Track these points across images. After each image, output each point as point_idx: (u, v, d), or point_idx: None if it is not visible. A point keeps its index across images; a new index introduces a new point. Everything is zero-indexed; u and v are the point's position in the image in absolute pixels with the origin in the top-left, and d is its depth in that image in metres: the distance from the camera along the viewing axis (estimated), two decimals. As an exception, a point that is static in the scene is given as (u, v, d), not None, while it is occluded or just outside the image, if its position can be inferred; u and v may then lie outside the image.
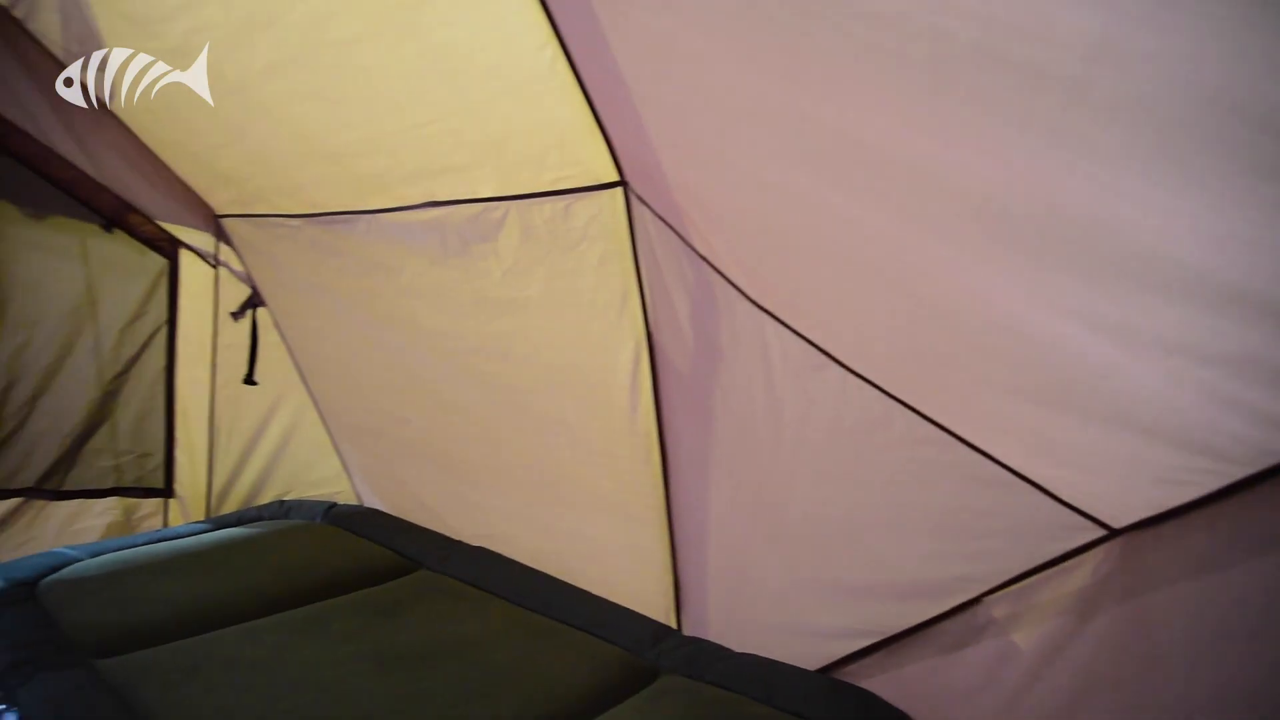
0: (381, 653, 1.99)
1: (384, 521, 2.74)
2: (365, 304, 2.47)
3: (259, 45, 2.09)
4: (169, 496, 3.42)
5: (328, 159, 2.26)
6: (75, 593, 2.26)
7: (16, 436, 3.16)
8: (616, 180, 1.78)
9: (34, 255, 3.07)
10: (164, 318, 3.25)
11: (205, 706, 1.77)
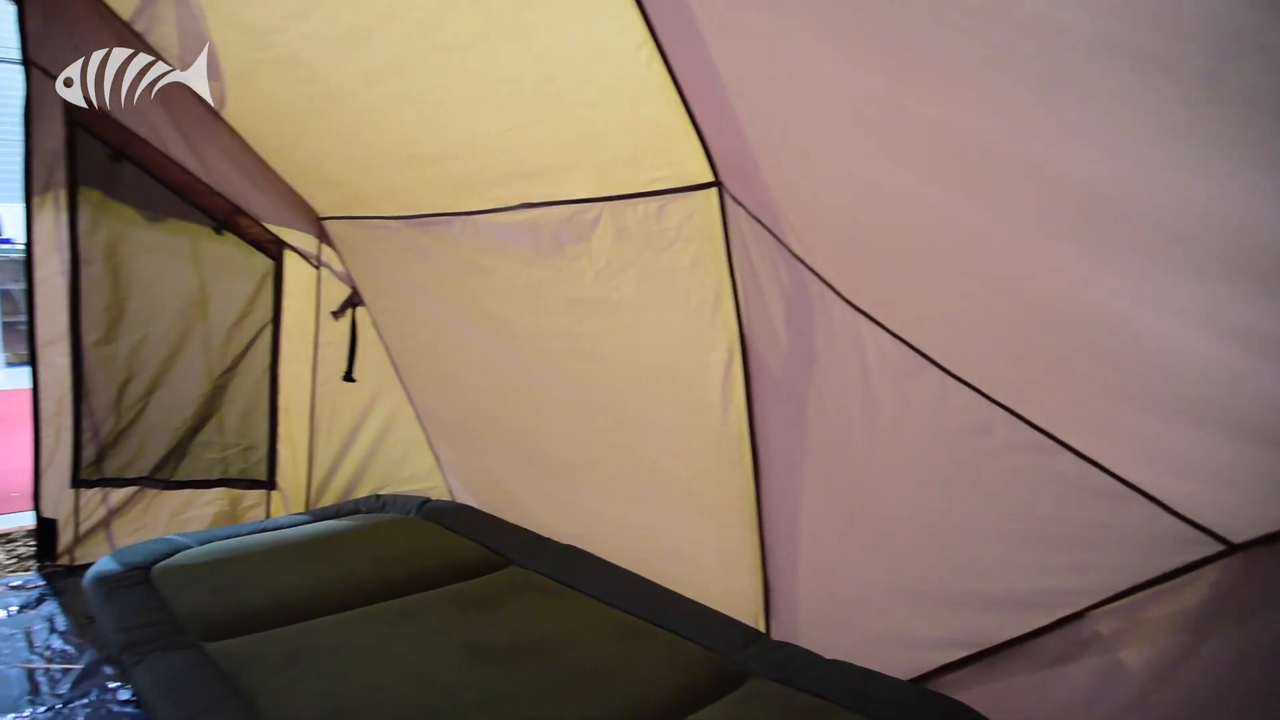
0: (474, 646, 2.02)
1: (476, 517, 2.78)
2: (460, 303, 2.52)
3: (363, 53, 2.15)
4: (271, 488, 3.54)
5: (426, 162, 2.31)
6: (186, 578, 2.36)
7: (133, 428, 3.33)
8: (711, 181, 1.78)
9: (152, 256, 3.23)
10: (269, 316, 3.37)
11: (306, 692, 1.83)
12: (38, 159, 3.05)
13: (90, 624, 2.97)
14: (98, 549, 3.38)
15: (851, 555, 1.87)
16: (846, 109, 1.26)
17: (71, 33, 2.99)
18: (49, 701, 2.52)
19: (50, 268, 3.14)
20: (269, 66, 2.60)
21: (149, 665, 1.94)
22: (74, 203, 3.10)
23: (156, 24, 2.90)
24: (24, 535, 3.72)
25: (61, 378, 3.21)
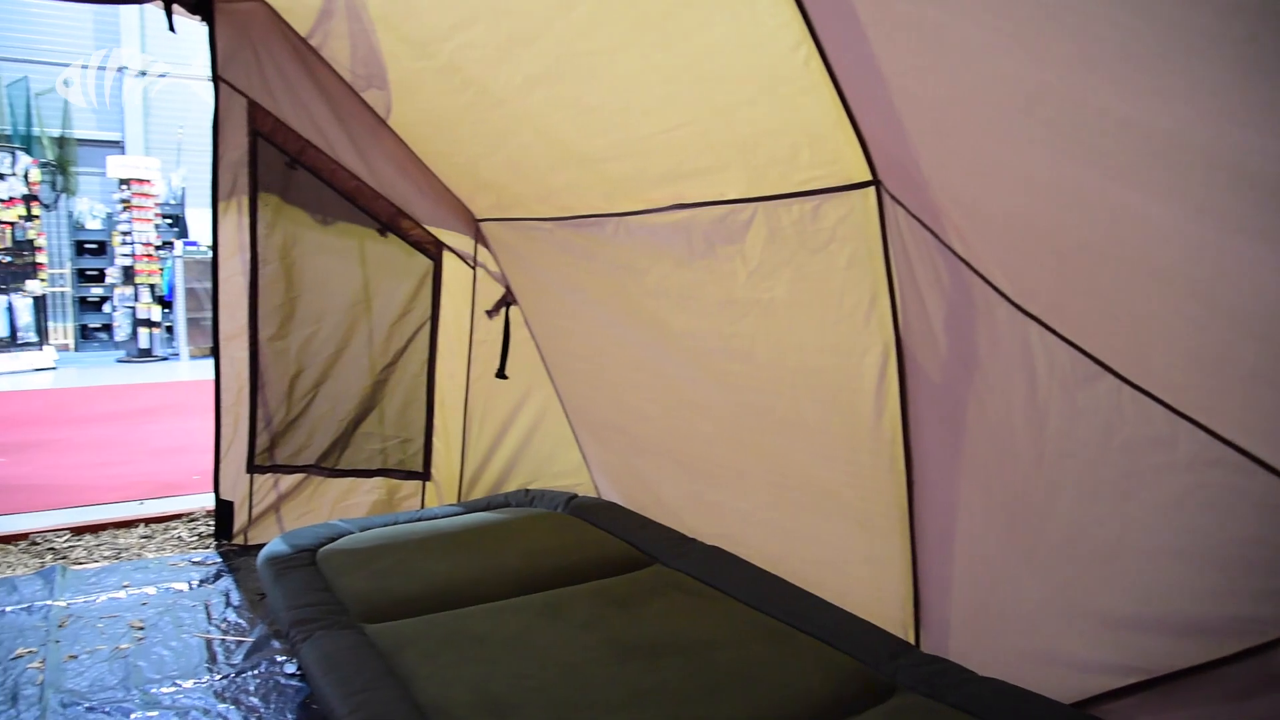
0: (619, 642, 2.04)
1: (622, 515, 2.81)
2: (612, 303, 2.55)
3: (521, 59, 2.21)
4: (426, 480, 3.68)
5: (580, 164, 2.36)
6: (348, 562, 2.48)
7: (302, 419, 3.53)
8: (869, 180, 1.74)
9: (321, 257, 3.42)
10: (428, 314, 3.51)
11: (458, 676, 1.89)
12: (223, 167, 3.28)
13: (261, 600, 3.17)
14: (268, 531, 3.60)
15: (1010, 569, 1.78)
16: (1016, 102, 1.20)
17: (255, 50, 3.20)
18: (224, 670, 2.70)
19: (233, 268, 3.37)
20: (431, 75, 2.71)
21: (314, 642, 2.05)
22: (254, 207, 3.32)
23: (330, 39, 3.07)
24: (204, 515, 4.00)
25: (240, 370, 3.44)
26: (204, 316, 9.88)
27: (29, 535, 3.82)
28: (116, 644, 2.85)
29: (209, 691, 2.57)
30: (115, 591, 3.24)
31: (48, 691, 2.55)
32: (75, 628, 2.96)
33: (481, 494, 3.52)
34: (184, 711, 2.47)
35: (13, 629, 2.94)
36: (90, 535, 3.87)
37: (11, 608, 3.10)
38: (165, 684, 2.62)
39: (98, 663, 2.73)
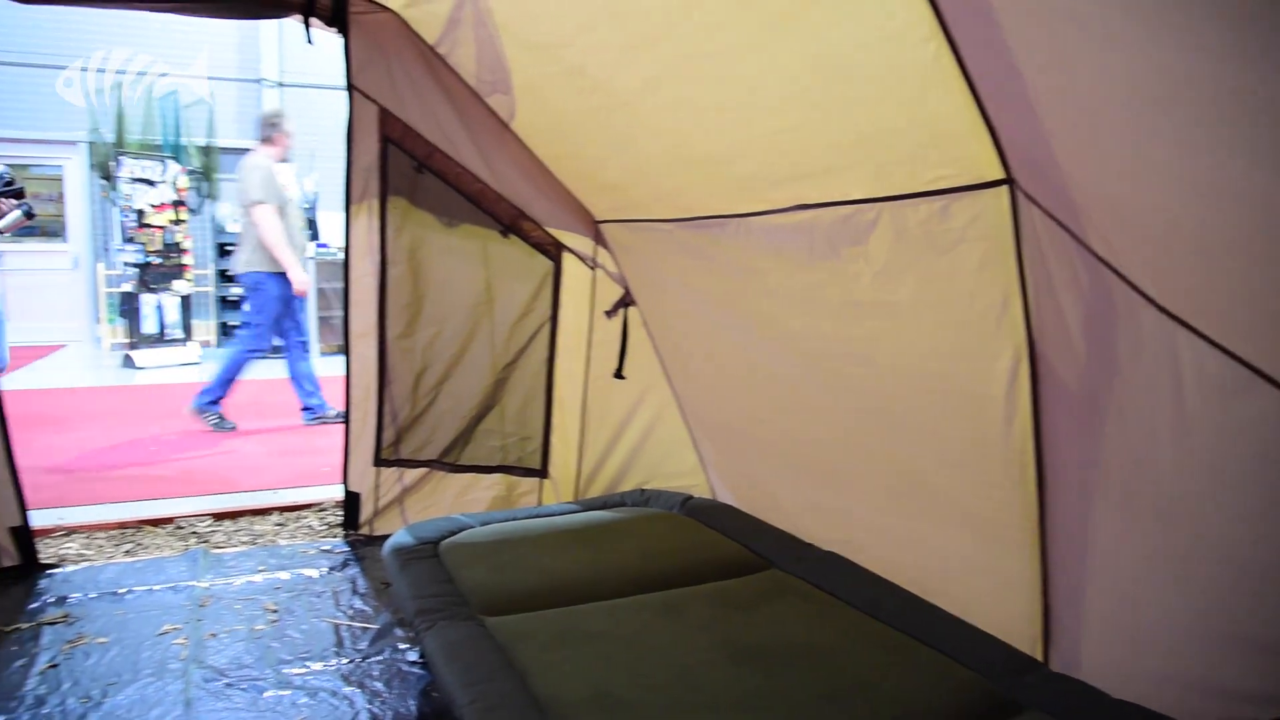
0: (734, 646, 2.03)
1: (737, 518, 2.79)
2: (730, 305, 2.54)
3: (644, 61, 2.23)
4: (544, 477, 3.75)
5: (701, 165, 2.35)
6: (469, 555, 2.54)
7: (426, 415, 3.64)
8: (1002, 178, 1.68)
9: (446, 258, 3.52)
10: (547, 314, 3.57)
11: (575, 673, 1.91)
12: (356, 172, 3.41)
13: (386, 589, 3.28)
14: (393, 522, 3.73)
15: (1152, 587, 1.69)
16: (1162, 92, 1.14)
17: (386, 59, 3.32)
18: (351, 655, 2.81)
19: (363, 269, 3.50)
20: (554, 79, 2.75)
21: (437, 632, 2.11)
22: (384, 210, 3.44)
23: (458, 47, 3.15)
24: (333, 506, 4.17)
25: (369, 367, 3.57)
26: (333, 315, 10.31)
27: (174, 519, 4.06)
28: (252, 625, 3.00)
29: (336, 674, 2.68)
30: (252, 575, 3.41)
31: (190, 666, 2.71)
32: (215, 608, 3.13)
33: (598, 492, 3.55)
34: (313, 692, 2.58)
35: (160, 607, 3.13)
36: (229, 521, 4.08)
37: (159, 587, 3.30)
38: (296, 665, 2.74)
39: (235, 641, 2.88)
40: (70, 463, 5.22)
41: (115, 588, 3.29)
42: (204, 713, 2.46)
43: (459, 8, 2.94)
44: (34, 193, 11.88)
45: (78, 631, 2.94)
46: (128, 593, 3.24)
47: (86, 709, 2.47)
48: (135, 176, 9.51)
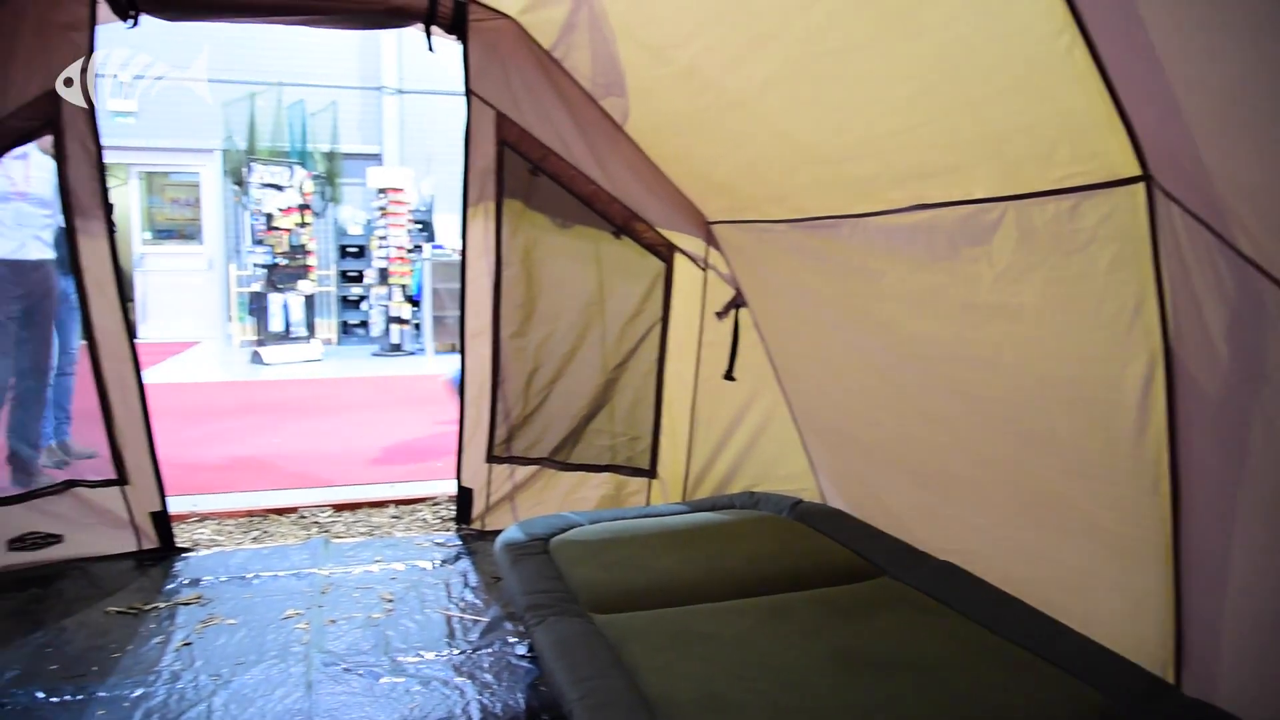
0: (843, 654, 1.99)
1: (848, 523, 2.74)
2: (844, 307, 2.49)
3: (759, 60, 2.21)
4: (652, 477, 3.76)
5: (817, 165, 2.32)
6: (578, 553, 2.57)
7: (537, 413, 3.70)
8: (1138, 175, 1.60)
9: (559, 259, 3.57)
10: (659, 315, 3.59)
11: (683, 673, 1.90)
12: (473, 175, 3.49)
13: (496, 583, 3.35)
14: (503, 518, 3.80)
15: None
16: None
17: (503, 64, 3.39)
18: (462, 645, 2.88)
19: (479, 269, 3.58)
20: (667, 81, 2.76)
21: (547, 627, 2.14)
22: (499, 212, 3.52)
23: (573, 50, 3.20)
24: (446, 500, 4.28)
25: (483, 366, 3.65)
26: (447, 315, 10.59)
27: (298, 509, 4.24)
28: (369, 613, 3.10)
29: (448, 664, 2.75)
30: (369, 565, 3.53)
31: (311, 650, 2.82)
32: (335, 595, 3.25)
33: (706, 494, 3.55)
34: (426, 680, 2.65)
35: (284, 592, 3.27)
36: (348, 512, 4.24)
37: (284, 573, 3.45)
38: (410, 653, 2.82)
39: (353, 628, 2.99)
40: (203, 453, 5.51)
41: (243, 572, 3.45)
42: (324, 695, 2.56)
43: (575, 12, 2.98)
44: (172, 198, 12.63)
45: (209, 613, 3.10)
46: (255, 577, 3.40)
47: (217, 686, 2.60)
48: (265, 182, 10.00)
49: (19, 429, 3.92)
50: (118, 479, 3.49)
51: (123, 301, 3.34)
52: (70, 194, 3.18)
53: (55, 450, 4.25)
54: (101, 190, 3.21)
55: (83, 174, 3.17)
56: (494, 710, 2.51)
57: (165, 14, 3.14)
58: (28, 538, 3.40)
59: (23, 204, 4.09)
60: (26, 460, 3.87)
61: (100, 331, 3.32)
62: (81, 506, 3.49)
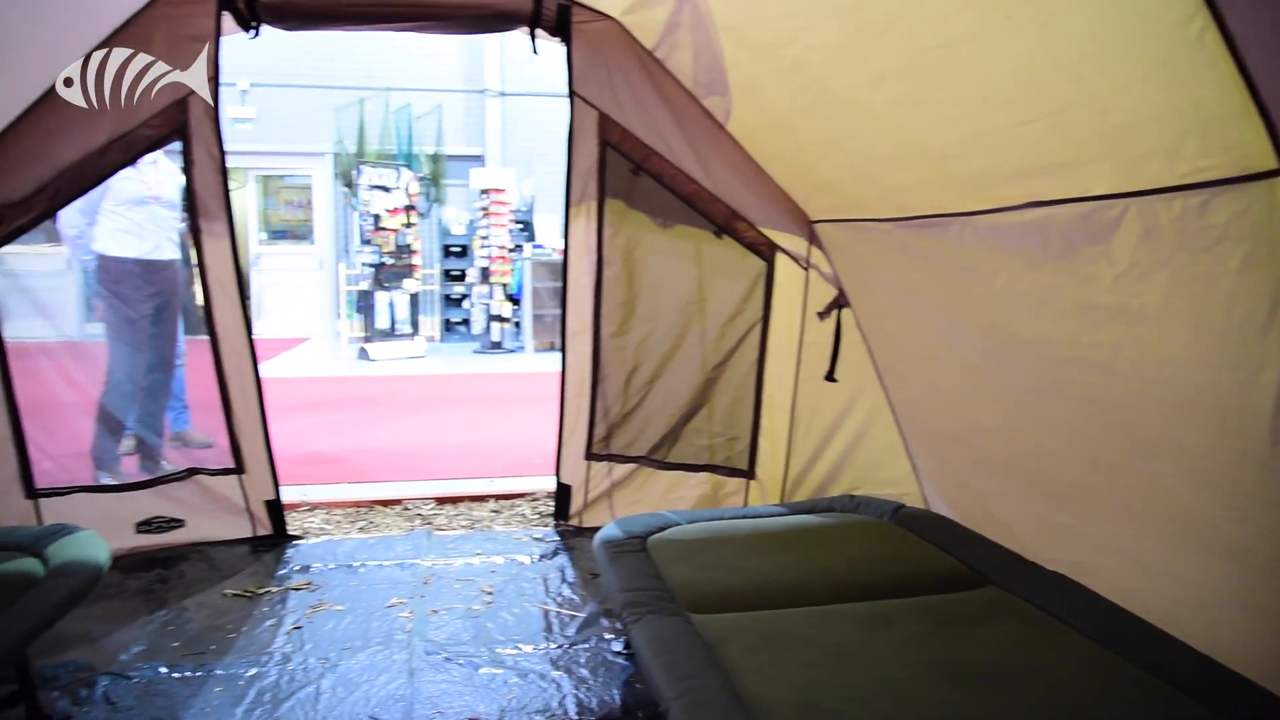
0: (947, 664, 1.93)
1: (952, 530, 2.67)
2: (952, 308, 2.43)
3: (867, 57, 2.17)
4: (750, 478, 3.74)
5: (925, 162, 2.27)
6: (676, 552, 2.57)
7: (636, 412, 3.72)
8: (1275, 169, 1.51)
9: (660, 259, 3.58)
10: (759, 315, 3.56)
11: (780, 677, 1.88)
12: (575, 175, 3.53)
13: (593, 579, 3.38)
14: (601, 515, 3.83)
15: None
16: None
17: (606, 65, 3.41)
18: (559, 640, 2.91)
19: (580, 269, 3.62)
20: (772, 79, 2.74)
21: (645, 625, 2.14)
22: (601, 212, 3.54)
23: (675, 50, 3.20)
24: (545, 496, 4.34)
25: (583, 364, 3.69)
26: (547, 313, 10.75)
27: (402, 501, 4.36)
28: (469, 604, 3.17)
29: (545, 658, 2.79)
30: (469, 557, 3.61)
31: (414, 638, 2.89)
32: (437, 586, 3.33)
33: (805, 496, 3.50)
34: (524, 673, 2.69)
35: (389, 581, 3.37)
36: (450, 505, 4.34)
37: (388, 563, 3.55)
38: (508, 645, 2.87)
39: (454, 619, 3.06)
40: (313, 445, 5.72)
41: (350, 561, 3.57)
42: (425, 683, 2.62)
43: (678, 12, 2.98)
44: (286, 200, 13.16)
45: (318, 598, 3.22)
46: (361, 566, 3.51)
47: (324, 669, 2.70)
48: (373, 184, 10.32)
49: (148, 419, 4.16)
50: (236, 468, 3.65)
51: (242, 299, 3.49)
52: (195, 197, 3.34)
53: (176, 438, 4.50)
54: (224, 193, 3.36)
55: (207, 178, 3.33)
56: (590, 705, 2.53)
57: (284, 24, 3.28)
58: (153, 521, 3.58)
59: (157, 207, 4.35)
60: (153, 448, 4.10)
61: (221, 327, 3.48)
62: (202, 493, 3.66)
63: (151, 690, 2.58)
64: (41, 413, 3.50)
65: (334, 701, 2.52)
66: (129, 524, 3.54)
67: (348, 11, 3.22)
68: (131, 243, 4.25)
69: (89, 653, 2.79)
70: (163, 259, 4.36)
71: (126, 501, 3.55)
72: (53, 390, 3.81)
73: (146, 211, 4.31)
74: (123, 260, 4.21)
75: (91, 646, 2.84)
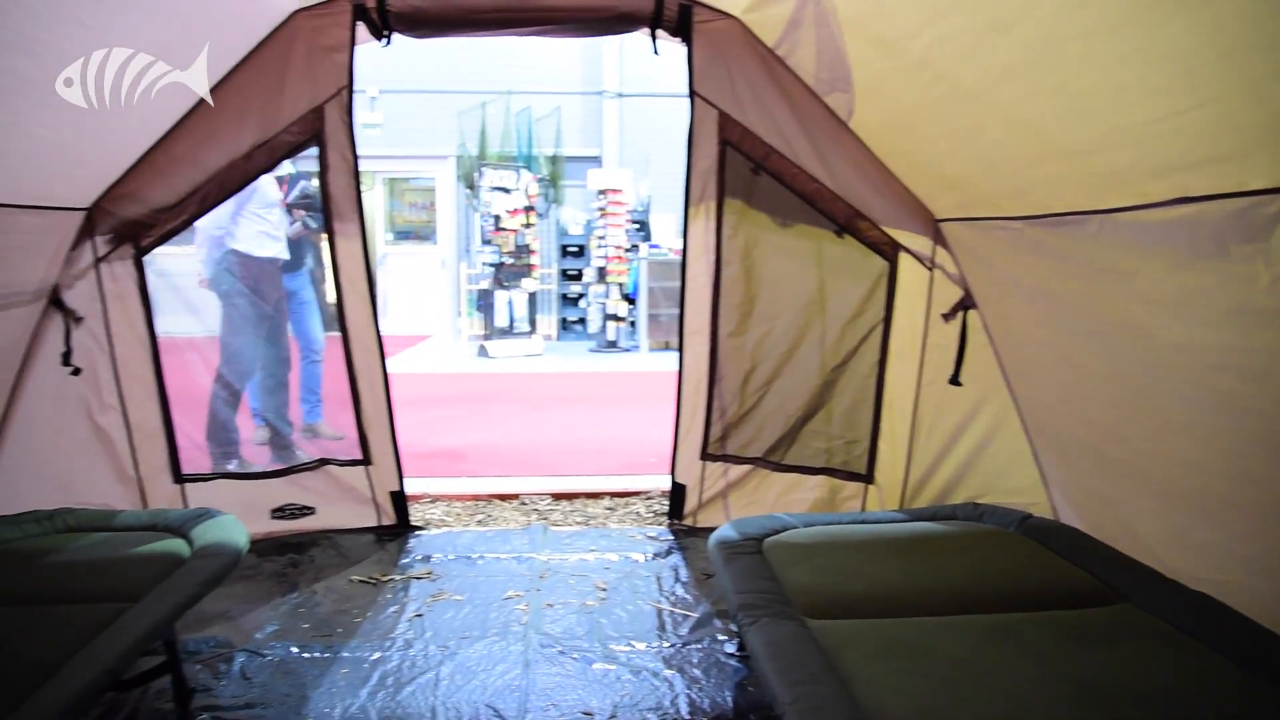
0: (1076, 683, 1.85)
1: (1084, 543, 2.55)
2: (1088, 310, 2.31)
3: (998, 48, 2.09)
4: (869, 483, 3.66)
5: (1060, 157, 2.17)
6: (792, 555, 2.54)
7: (753, 413, 3.69)
8: None
9: (779, 259, 3.54)
10: (880, 316, 3.48)
11: (900, 687, 1.84)
12: (695, 175, 3.53)
13: (706, 580, 3.37)
14: (715, 515, 3.82)
15: None
16: None
17: (726, 64, 3.40)
18: (671, 639, 2.92)
19: (698, 268, 3.61)
20: (896, 74, 2.67)
21: (761, 628, 2.12)
22: (720, 212, 3.53)
23: (797, 47, 3.16)
24: (659, 495, 4.36)
25: (700, 364, 3.68)
26: (662, 313, 10.79)
27: (519, 496, 4.45)
28: (584, 600, 3.21)
29: (657, 656, 2.80)
30: (584, 553, 3.65)
31: (530, 631, 2.95)
32: (552, 580, 3.38)
33: (925, 503, 3.40)
34: (636, 670, 2.71)
35: (506, 574, 3.44)
36: (565, 502, 4.40)
37: (505, 556, 3.63)
38: (621, 642, 2.89)
39: (569, 613, 3.10)
40: (435, 439, 5.90)
41: (469, 552, 3.66)
42: (540, 675, 2.67)
43: (800, 8, 2.94)
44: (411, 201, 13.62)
45: (439, 588, 3.31)
46: (479, 558, 3.60)
47: (444, 657, 2.78)
48: (494, 185, 10.57)
49: (280, 410, 4.41)
50: (363, 459, 3.79)
51: (371, 297, 3.62)
52: (330, 200, 3.49)
53: (308, 430, 4.75)
54: (356, 196, 3.50)
55: (341, 181, 3.47)
56: (702, 706, 2.53)
57: (415, 32, 3.39)
58: (287, 508, 3.76)
59: (279, 210, 4.66)
60: (285, 438, 4.33)
61: (352, 325, 3.62)
62: (332, 483, 3.82)
63: (283, 668, 2.71)
64: (188, 403, 3.73)
65: (452, 689, 2.59)
66: (264, 510, 3.73)
67: (475, 18, 3.30)
68: (268, 244, 4.51)
69: (228, 630, 2.95)
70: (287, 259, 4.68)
71: (263, 488, 3.74)
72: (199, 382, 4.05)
73: (278, 214, 4.59)
74: (260, 260, 4.46)
75: (230, 624, 3.00)
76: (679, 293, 3.70)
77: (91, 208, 3.16)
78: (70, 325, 3.17)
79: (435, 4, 3.27)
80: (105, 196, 3.17)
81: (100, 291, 3.28)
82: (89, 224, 3.17)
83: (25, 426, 3.12)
